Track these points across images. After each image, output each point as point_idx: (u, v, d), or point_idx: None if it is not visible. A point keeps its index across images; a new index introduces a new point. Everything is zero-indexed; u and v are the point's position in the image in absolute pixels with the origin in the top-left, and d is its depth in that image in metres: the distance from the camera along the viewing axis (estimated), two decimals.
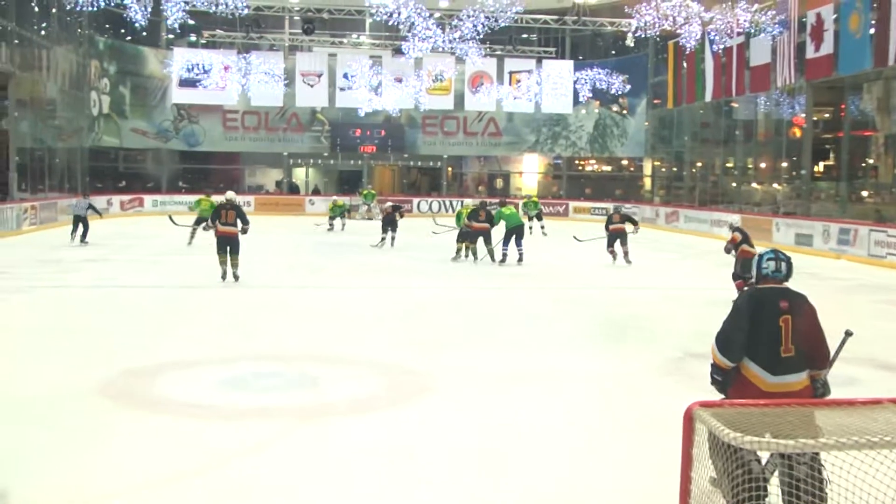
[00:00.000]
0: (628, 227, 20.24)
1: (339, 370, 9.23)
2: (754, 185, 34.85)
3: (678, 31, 29.90)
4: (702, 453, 3.61)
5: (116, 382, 8.42)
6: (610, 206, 26.26)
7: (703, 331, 10.53)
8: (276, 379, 8.84)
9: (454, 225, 22.40)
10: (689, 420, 3.59)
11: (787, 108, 30.45)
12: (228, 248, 15.61)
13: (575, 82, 40.05)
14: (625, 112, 42.72)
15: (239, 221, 15.52)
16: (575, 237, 22.75)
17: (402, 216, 25.01)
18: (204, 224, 16.87)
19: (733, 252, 14.14)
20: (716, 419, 3.45)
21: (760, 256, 5.20)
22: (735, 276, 13.86)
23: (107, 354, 9.62)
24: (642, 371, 9.35)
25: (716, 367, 5.09)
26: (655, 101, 41.39)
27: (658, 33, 31.26)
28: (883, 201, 26.63)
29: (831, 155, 30.57)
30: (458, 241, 20.97)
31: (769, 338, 4.90)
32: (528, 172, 45.51)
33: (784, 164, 31.48)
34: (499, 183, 44.96)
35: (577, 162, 45.51)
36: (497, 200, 22.81)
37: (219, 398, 7.98)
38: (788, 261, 5.15)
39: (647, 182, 43.50)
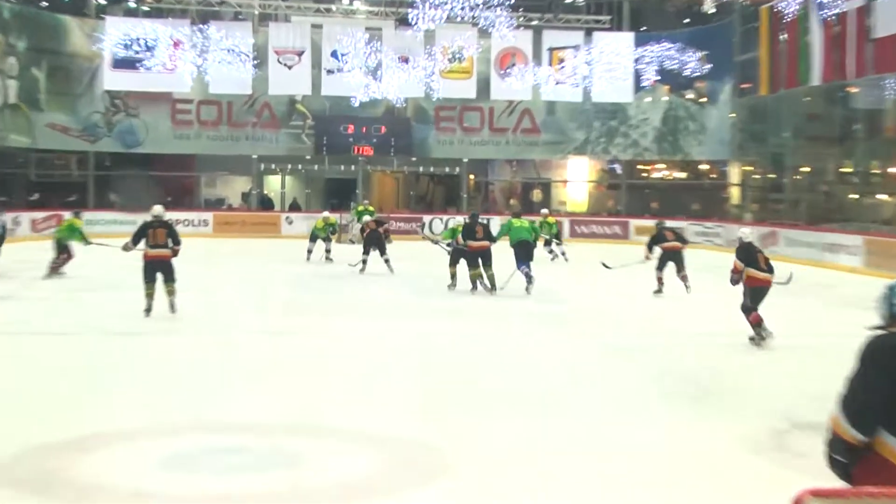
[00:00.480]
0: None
1: (323, 444, 9.29)
2: (882, 196, 35.57)
3: None
4: None
5: (24, 464, 8.37)
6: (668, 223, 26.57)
7: (809, 392, 11.13)
8: (241, 456, 8.82)
9: (445, 238, 23.35)
10: None
11: None
12: (161, 276, 16.01)
13: (636, 61, 41.16)
14: (703, 101, 43.52)
15: (170, 241, 15.99)
16: (603, 264, 23.37)
17: (388, 235, 25.83)
18: (125, 244, 17.18)
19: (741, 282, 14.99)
20: None
21: (892, 290, 5.15)
22: (745, 309, 14.79)
23: (11, 427, 9.57)
24: (727, 447, 9.37)
25: (839, 443, 4.99)
26: (744, 87, 41.88)
27: None
28: None
29: None
30: (451, 264, 21.84)
31: None
32: (576, 181, 45.83)
33: None
34: (536, 195, 45.32)
35: (639, 167, 46.29)
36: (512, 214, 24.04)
37: (163, 483, 7.95)
38: None
39: (735, 193, 43.96)
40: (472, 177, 44.79)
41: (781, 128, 39.70)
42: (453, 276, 21.68)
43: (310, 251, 29.18)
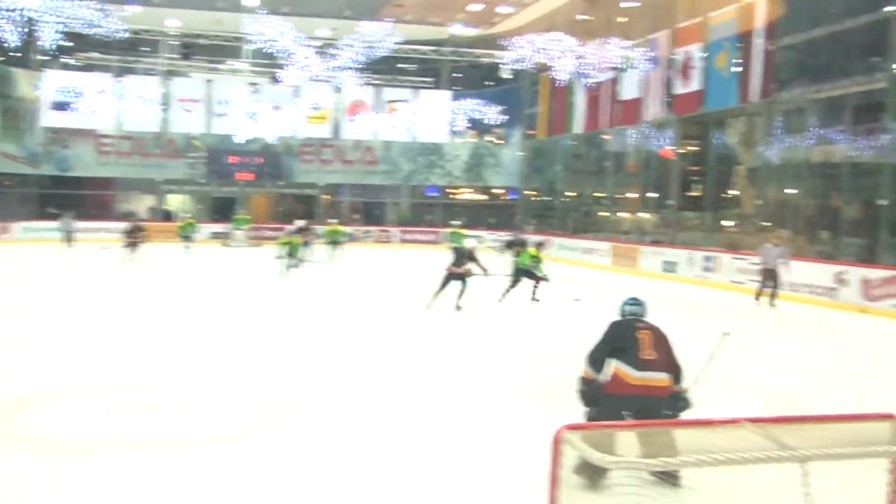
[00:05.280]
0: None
1: (198, 398, 9.26)
2: (623, 214, 37.43)
3: (552, 64, 32.90)
4: (569, 475, 3.73)
5: None
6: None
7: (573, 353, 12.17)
8: (132, 409, 8.75)
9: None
10: (556, 443, 3.68)
11: (656, 140, 33.54)
12: None
13: (452, 112, 42.93)
14: (500, 142, 45.62)
15: None
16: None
17: (306, 238, 26.37)
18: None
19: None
20: (584, 441, 3.64)
21: (624, 303, 7.19)
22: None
23: None
24: (509, 396, 9.89)
25: (583, 380, 6.81)
26: (530, 132, 44.15)
27: (533, 66, 34.17)
28: (745, 231, 29.85)
29: (697, 186, 33.89)
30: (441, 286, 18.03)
31: (633, 345, 6.63)
32: (396, 201, 47.19)
33: (652, 195, 34.38)
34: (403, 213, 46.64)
35: (450, 190, 47.48)
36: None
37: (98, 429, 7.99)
38: (644, 304, 7.17)
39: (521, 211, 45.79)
40: (326, 196, 45.67)
41: (555, 163, 41.80)
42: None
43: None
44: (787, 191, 27.39)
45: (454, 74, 45.68)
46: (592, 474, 5.31)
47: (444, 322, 16.37)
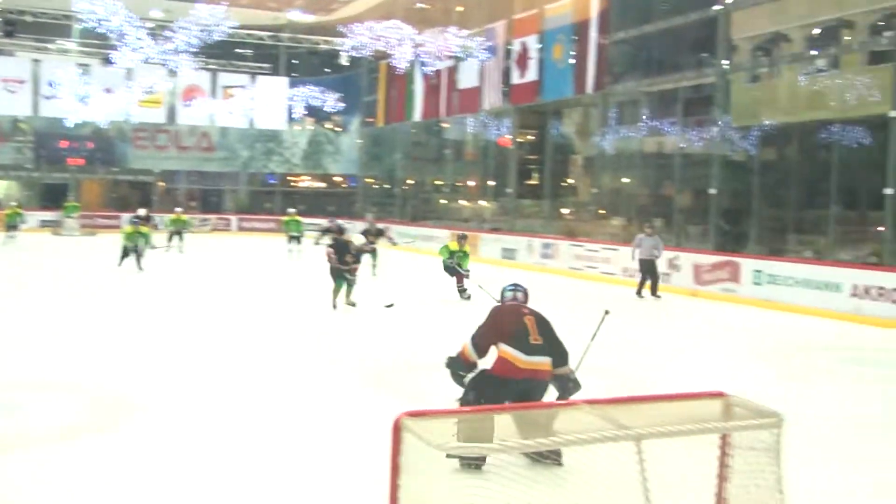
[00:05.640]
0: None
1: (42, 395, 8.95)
2: (462, 202, 37.93)
3: (390, 52, 32.87)
4: (409, 462, 3.73)
5: None
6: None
7: (420, 341, 12.56)
8: None
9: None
10: (396, 430, 3.75)
11: (494, 129, 33.95)
12: None
13: (289, 99, 42.53)
14: (339, 130, 45.45)
15: None
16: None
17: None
18: None
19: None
20: (422, 428, 3.68)
21: (504, 289, 7.43)
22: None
23: None
24: (351, 383, 9.95)
25: (462, 361, 6.87)
26: (368, 120, 44.14)
27: (371, 54, 34.07)
28: (582, 218, 30.64)
29: (535, 174, 34.58)
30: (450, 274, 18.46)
31: (521, 329, 6.72)
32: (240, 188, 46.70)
33: (491, 183, 34.83)
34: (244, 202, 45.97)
35: (290, 178, 47.06)
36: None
37: None
38: (525, 290, 7.41)
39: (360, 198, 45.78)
40: (161, 183, 44.54)
41: (394, 151, 41.77)
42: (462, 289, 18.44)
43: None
44: (622, 180, 28.16)
45: (292, 61, 45.28)
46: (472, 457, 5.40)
47: (287, 311, 16.24)
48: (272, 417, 8.52)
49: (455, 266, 18.45)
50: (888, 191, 18.32)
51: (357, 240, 15.82)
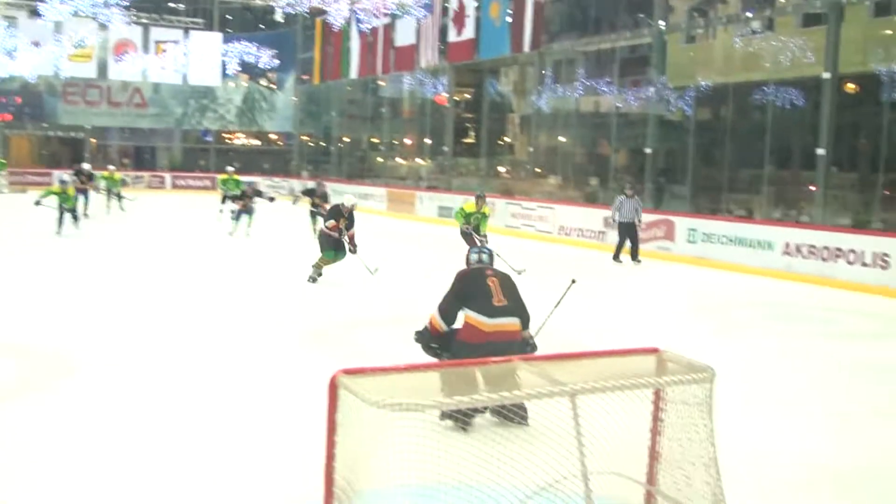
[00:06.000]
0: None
1: None
2: (399, 160, 37.88)
3: (326, 8, 32.46)
4: (345, 419, 3.73)
5: None
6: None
7: (355, 300, 12.63)
8: None
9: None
10: (333, 388, 3.76)
11: (431, 87, 33.76)
12: None
13: (223, 55, 41.79)
14: (273, 87, 44.79)
15: None
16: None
17: (86, 185, 24.88)
18: None
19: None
20: (359, 385, 3.66)
21: (469, 251, 7.38)
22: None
23: None
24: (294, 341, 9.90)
25: (432, 332, 6.82)
26: (304, 77, 43.57)
27: (307, 10, 33.62)
28: (518, 177, 30.71)
29: (472, 133, 34.52)
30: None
31: (484, 292, 6.65)
32: (168, 146, 45.94)
33: (428, 141, 34.77)
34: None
35: (225, 135, 46.48)
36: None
37: None
38: (490, 252, 7.35)
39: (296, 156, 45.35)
40: (93, 140, 43.58)
41: (330, 109, 41.44)
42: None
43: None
44: (558, 138, 28.16)
45: (226, 16, 44.60)
46: (458, 416, 5.45)
47: (225, 270, 16.04)
48: (209, 376, 8.40)
49: (472, 231, 16.61)
50: (820, 151, 18.55)
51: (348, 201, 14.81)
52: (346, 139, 41.39)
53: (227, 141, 46.76)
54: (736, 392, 7.59)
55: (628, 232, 18.42)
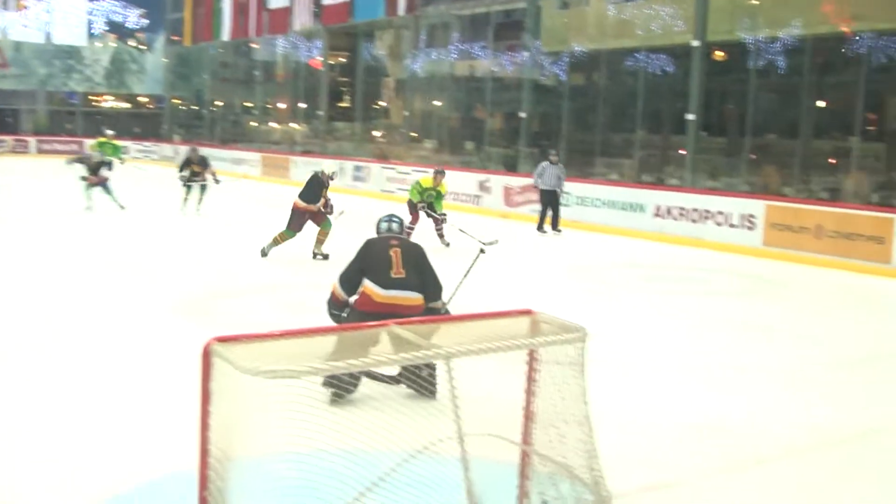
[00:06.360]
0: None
1: None
2: (273, 124, 37.27)
3: None
4: (219, 388, 3.65)
5: None
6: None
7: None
8: None
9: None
10: (206, 356, 3.69)
11: (305, 51, 33.35)
12: None
13: (89, 13, 40.41)
14: (143, 48, 43.68)
15: None
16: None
17: None
18: None
19: None
20: (233, 353, 3.59)
21: (380, 219, 7.19)
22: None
23: None
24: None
25: (336, 301, 6.64)
26: (174, 38, 42.38)
27: None
28: (394, 141, 30.53)
29: (347, 97, 34.16)
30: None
31: (384, 263, 6.45)
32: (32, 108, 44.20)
33: (302, 105, 34.31)
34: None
35: (92, 98, 45.16)
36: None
37: None
38: (401, 221, 7.16)
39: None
40: None
41: (202, 71, 40.52)
42: None
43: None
44: (433, 103, 28.03)
45: None
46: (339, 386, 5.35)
47: (96, 240, 15.39)
48: (81, 350, 8.00)
49: (425, 210, 15.04)
50: (690, 116, 18.86)
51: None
52: (218, 103, 40.50)
53: (94, 104, 45.42)
54: (610, 351, 7.74)
55: (549, 200, 17.46)
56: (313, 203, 12.91)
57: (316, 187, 12.99)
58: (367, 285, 6.45)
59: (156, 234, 16.23)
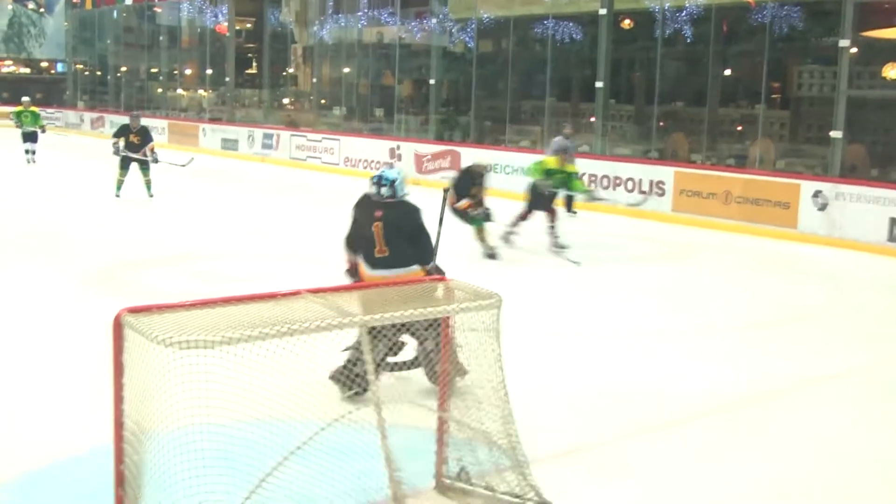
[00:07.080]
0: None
1: None
2: (180, 91, 36.47)
3: None
4: (132, 359, 3.62)
5: None
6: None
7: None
8: None
9: None
10: (117, 327, 3.64)
11: (211, 16, 32.64)
12: None
13: None
14: (42, 11, 42.15)
15: None
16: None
17: None
18: None
19: None
20: (144, 324, 3.55)
21: (371, 179, 6.34)
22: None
23: None
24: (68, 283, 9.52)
25: (348, 269, 6.48)
26: (75, 1, 41.19)
27: None
28: (302, 109, 30.16)
29: (254, 64, 33.58)
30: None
31: (368, 240, 6.17)
32: None
33: (209, 72, 33.65)
34: None
35: None
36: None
37: None
38: (391, 183, 6.20)
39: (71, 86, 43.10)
40: None
41: (105, 36, 39.39)
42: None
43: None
44: (342, 70, 27.73)
45: None
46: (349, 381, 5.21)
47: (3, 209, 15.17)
48: None
49: (545, 193, 12.61)
50: (598, 84, 18.98)
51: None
52: (123, 68, 39.26)
53: None
54: (524, 317, 7.81)
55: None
56: (462, 199, 11.33)
57: (466, 182, 11.46)
58: (360, 261, 6.30)
59: (68, 205, 16.00)
